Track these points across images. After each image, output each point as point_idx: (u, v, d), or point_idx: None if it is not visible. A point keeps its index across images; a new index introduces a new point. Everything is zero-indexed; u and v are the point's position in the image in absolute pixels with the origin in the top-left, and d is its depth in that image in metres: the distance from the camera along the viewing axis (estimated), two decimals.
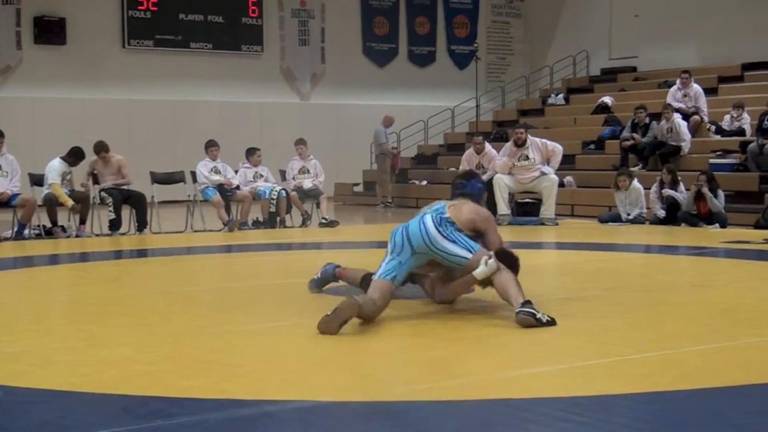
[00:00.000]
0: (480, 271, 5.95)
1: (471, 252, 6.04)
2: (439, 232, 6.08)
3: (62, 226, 12.48)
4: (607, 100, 19.73)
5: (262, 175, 14.19)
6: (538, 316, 5.60)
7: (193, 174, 13.80)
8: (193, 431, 3.63)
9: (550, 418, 3.76)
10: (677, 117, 15.85)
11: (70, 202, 12.29)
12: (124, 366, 4.76)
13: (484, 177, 14.31)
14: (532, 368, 4.65)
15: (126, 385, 4.33)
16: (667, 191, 13.46)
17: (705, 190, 12.94)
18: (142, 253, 11.21)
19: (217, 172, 13.70)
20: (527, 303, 5.68)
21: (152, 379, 4.47)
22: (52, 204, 12.33)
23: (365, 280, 6.43)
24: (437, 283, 6.49)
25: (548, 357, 4.93)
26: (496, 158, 14.34)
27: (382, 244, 11.85)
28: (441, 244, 6.06)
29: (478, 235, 6.29)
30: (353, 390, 4.26)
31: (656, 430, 3.70)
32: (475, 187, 6.63)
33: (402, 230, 6.19)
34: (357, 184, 20.99)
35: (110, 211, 12.61)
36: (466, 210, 6.31)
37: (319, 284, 7.12)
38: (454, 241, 6.06)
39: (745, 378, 4.41)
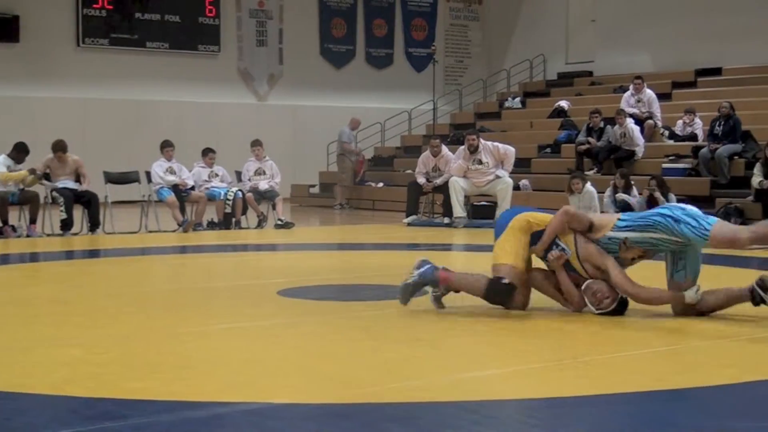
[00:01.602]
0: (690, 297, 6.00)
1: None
2: None
3: (12, 226, 12.34)
4: (564, 104, 19.86)
5: (217, 175, 14.13)
6: None
7: (148, 174, 13.70)
8: None
9: (499, 421, 3.79)
10: (630, 122, 16.01)
11: (23, 173, 12.29)
12: (74, 367, 4.72)
13: (440, 180, 14.39)
14: (485, 371, 4.67)
15: (75, 387, 4.29)
16: (621, 195, 13.58)
17: (657, 194, 13.07)
18: (94, 254, 11.11)
19: (172, 172, 13.62)
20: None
21: (102, 380, 4.44)
22: (3, 203, 12.19)
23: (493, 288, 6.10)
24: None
25: (501, 359, 4.96)
26: (452, 161, 14.39)
27: (339, 246, 11.97)
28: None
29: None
30: (305, 392, 4.26)
31: (606, 431, 3.74)
32: None
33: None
34: (314, 186, 20.96)
35: (62, 210, 12.48)
36: None
37: (412, 291, 6.29)
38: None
39: (693, 381, 4.46)
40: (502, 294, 6.01)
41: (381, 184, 19.82)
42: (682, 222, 5.82)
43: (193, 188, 13.66)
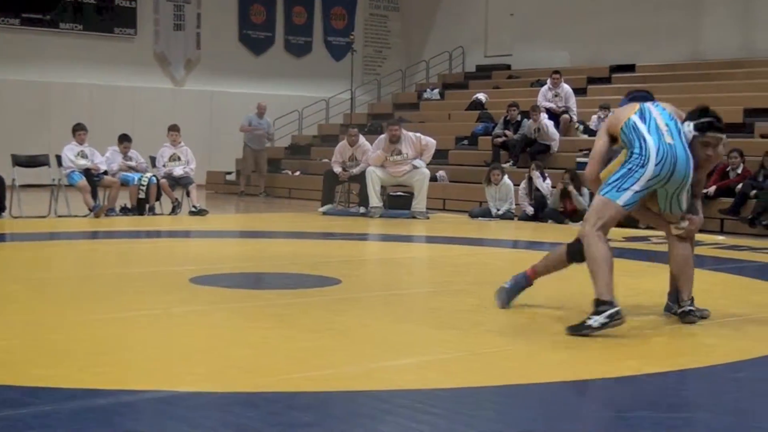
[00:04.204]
0: (681, 226, 5.62)
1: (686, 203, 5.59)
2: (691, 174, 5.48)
3: None
4: (481, 96, 20.01)
5: (131, 158, 13.90)
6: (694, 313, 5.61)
7: (59, 158, 13.42)
8: (44, 422, 3.52)
9: (408, 410, 3.79)
10: (544, 117, 16.19)
11: None
12: None
13: (356, 170, 14.38)
14: (396, 360, 4.67)
15: None
16: (536, 182, 13.74)
17: (570, 188, 13.26)
18: (0, 238, 10.84)
19: (83, 156, 13.35)
20: (691, 302, 5.63)
21: (6, 368, 4.32)
22: None
23: (572, 249, 5.82)
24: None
25: (412, 349, 4.96)
26: (370, 151, 14.38)
27: (254, 234, 11.87)
28: (681, 196, 5.53)
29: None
30: (214, 380, 4.20)
31: (511, 422, 3.76)
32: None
33: (670, 160, 5.37)
34: (230, 173, 20.78)
35: None
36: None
37: (509, 294, 6.14)
38: (687, 191, 5.57)
39: (595, 372, 4.52)
40: (581, 252, 5.70)
41: (298, 173, 19.74)
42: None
43: (105, 173, 13.41)
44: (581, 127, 17.10)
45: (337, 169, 14.65)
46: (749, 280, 7.82)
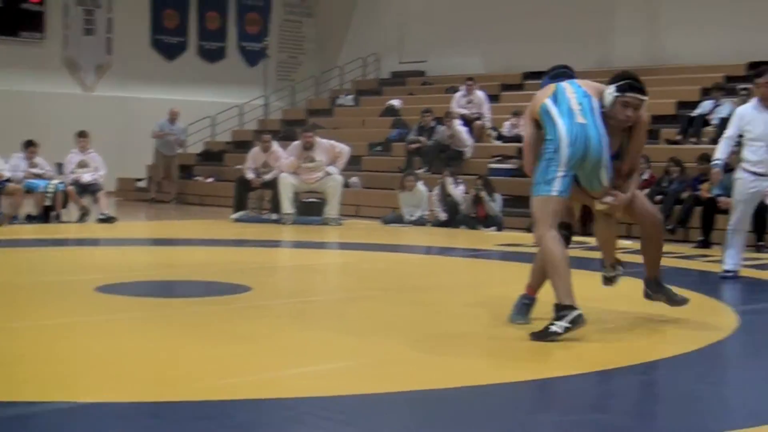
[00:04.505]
0: (607, 201, 5.65)
1: (609, 179, 5.62)
2: (605, 150, 5.52)
3: None
4: (396, 102, 20.06)
5: (37, 165, 13.58)
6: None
7: None
8: None
9: (313, 417, 3.75)
10: (458, 124, 16.28)
11: None
12: None
13: (269, 176, 14.28)
14: (303, 368, 4.62)
15: None
16: (449, 188, 13.81)
17: (483, 194, 13.35)
18: None
19: None
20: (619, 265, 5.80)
21: None
22: None
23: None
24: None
25: (320, 356, 4.92)
26: (283, 157, 14.30)
27: (164, 242, 11.70)
28: (602, 172, 5.56)
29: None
30: (118, 390, 4.11)
31: (417, 427, 3.74)
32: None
33: (583, 140, 5.42)
34: (141, 180, 20.47)
35: None
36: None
37: (520, 313, 5.88)
38: (607, 168, 5.57)
39: (501, 377, 4.53)
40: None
41: (210, 179, 19.54)
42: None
43: (9, 180, 13.07)
44: (494, 134, 17.24)
45: (250, 176, 14.53)
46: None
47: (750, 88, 14.92)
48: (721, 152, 8.50)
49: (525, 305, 5.88)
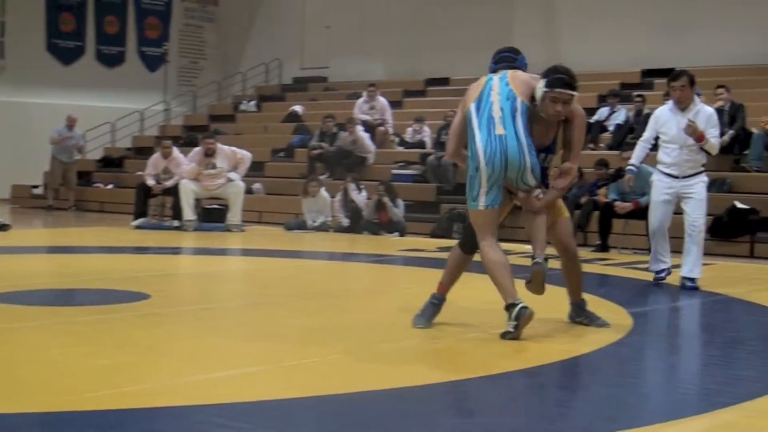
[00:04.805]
0: (537, 202, 5.66)
1: (536, 180, 5.64)
2: (531, 161, 5.55)
3: None
4: (298, 108, 20.01)
5: None
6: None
7: None
8: None
9: (208, 425, 3.69)
10: (359, 130, 16.31)
11: None
12: None
13: (170, 183, 14.10)
14: (201, 375, 4.55)
15: None
16: (352, 194, 13.82)
17: (385, 199, 13.39)
18: None
19: None
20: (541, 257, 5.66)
21: None
22: None
23: (461, 242, 5.92)
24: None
25: (218, 364, 4.85)
26: (184, 163, 14.14)
27: (60, 249, 11.43)
28: (527, 177, 5.59)
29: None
30: (6, 401, 3.99)
31: None
32: (523, 63, 6.07)
33: (500, 153, 5.52)
34: (36, 186, 20.00)
35: None
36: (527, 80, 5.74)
37: (426, 314, 5.93)
38: (533, 170, 5.59)
39: (400, 381, 4.53)
40: (470, 242, 5.85)
41: (110, 186, 19.21)
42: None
43: None
44: (397, 140, 17.32)
45: (151, 182, 14.33)
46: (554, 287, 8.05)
47: (644, 95, 15.37)
48: (636, 157, 8.59)
49: (433, 305, 5.93)
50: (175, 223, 13.96)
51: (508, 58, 5.98)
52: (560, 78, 5.64)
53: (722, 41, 17.04)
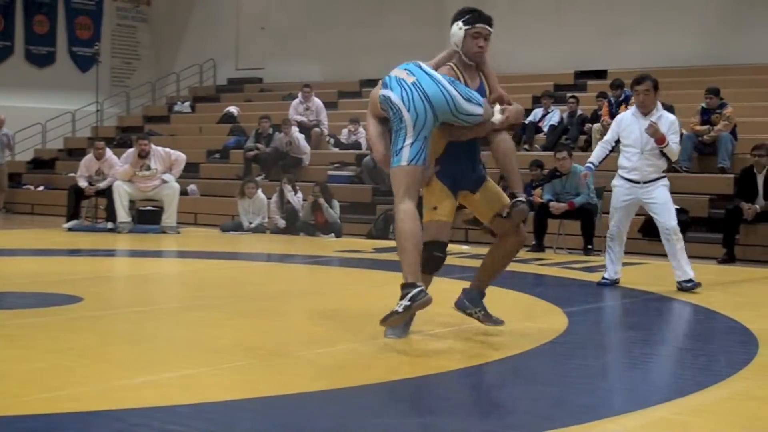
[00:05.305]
0: (498, 119, 5.49)
1: (481, 105, 5.43)
2: (458, 91, 5.34)
3: None
4: (233, 109, 19.89)
5: None
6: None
7: None
8: None
9: (144, 428, 3.65)
10: (295, 131, 16.27)
11: None
12: None
13: (103, 184, 13.93)
14: (134, 378, 4.50)
15: None
16: (288, 195, 13.77)
17: (321, 200, 13.37)
18: None
19: None
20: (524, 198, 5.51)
21: None
22: None
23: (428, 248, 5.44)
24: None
25: (152, 367, 4.80)
26: (117, 165, 13.98)
27: None
28: (462, 107, 5.33)
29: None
30: None
31: None
32: None
33: (419, 96, 5.30)
34: None
35: None
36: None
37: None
38: (468, 99, 5.36)
39: (340, 382, 4.53)
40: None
41: (41, 188, 18.91)
42: None
43: None
44: (332, 141, 17.30)
45: (83, 184, 14.14)
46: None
47: (577, 96, 15.55)
48: (595, 156, 8.49)
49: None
50: (109, 225, 13.80)
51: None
52: (478, 14, 5.63)
53: (653, 44, 17.31)
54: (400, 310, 5.12)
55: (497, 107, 5.56)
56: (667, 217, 8.11)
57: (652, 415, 4.06)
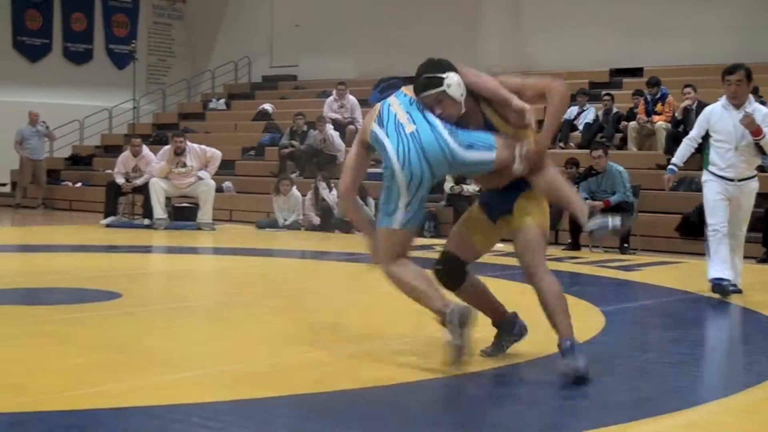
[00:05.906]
0: (518, 170, 4.74)
1: (492, 149, 4.74)
2: (458, 142, 4.72)
3: None
4: (268, 107, 19.94)
5: None
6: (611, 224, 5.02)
7: None
8: None
9: (183, 425, 3.68)
10: (329, 128, 16.27)
11: None
12: None
13: (140, 181, 14.02)
14: (173, 375, 4.53)
15: None
16: (323, 193, 13.79)
17: (355, 197, 13.35)
18: None
19: None
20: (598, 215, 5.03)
21: None
22: None
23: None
24: None
25: (190, 363, 4.83)
26: (154, 162, 14.07)
27: (29, 248, 11.33)
28: (463, 158, 4.72)
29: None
30: None
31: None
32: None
33: (416, 152, 4.70)
34: (4, 185, 19.81)
35: None
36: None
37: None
38: (470, 146, 4.73)
39: (373, 380, 4.53)
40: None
41: (79, 184, 19.07)
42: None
43: None
44: None
45: (120, 180, 14.24)
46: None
47: (612, 94, 15.46)
48: (678, 156, 7.85)
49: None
50: (146, 221, 13.89)
51: (395, 85, 5.16)
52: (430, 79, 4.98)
53: (689, 41, 17.16)
54: (455, 340, 4.66)
55: (517, 150, 4.73)
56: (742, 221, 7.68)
57: (693, 415, 4.03)
